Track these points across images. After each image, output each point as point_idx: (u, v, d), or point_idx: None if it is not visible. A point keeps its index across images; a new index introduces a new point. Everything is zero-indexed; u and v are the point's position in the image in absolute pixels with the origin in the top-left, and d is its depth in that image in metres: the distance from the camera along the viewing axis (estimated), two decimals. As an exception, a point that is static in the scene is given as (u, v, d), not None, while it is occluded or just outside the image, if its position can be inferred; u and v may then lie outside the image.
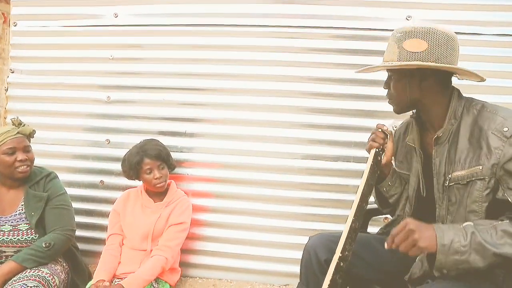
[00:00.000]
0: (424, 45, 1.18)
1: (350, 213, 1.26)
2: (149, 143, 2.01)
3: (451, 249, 1.06)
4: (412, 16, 2.09)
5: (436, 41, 1.18)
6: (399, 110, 1.33)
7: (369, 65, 1.34)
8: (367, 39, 2.11)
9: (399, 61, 1.21)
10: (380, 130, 1.40)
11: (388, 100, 1.35)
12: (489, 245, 1.04)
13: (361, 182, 1.31)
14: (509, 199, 1.12)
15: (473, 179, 1.17)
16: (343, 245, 1.20)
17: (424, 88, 1.24)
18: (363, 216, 1.29)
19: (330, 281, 1.18)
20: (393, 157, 1.45)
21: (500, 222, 1.09)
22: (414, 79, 1.24)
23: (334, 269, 1.18)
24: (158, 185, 1.96)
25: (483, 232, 1.07)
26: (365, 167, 1.34)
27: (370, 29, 2.12)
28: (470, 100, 1.26)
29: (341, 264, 1.19)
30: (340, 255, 1.19)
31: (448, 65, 1.18)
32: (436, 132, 1.26)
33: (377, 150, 1.36)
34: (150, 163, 1.94)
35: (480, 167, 1.15)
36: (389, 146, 1.39)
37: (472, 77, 1.26)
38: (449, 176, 1.22)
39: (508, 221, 1.09)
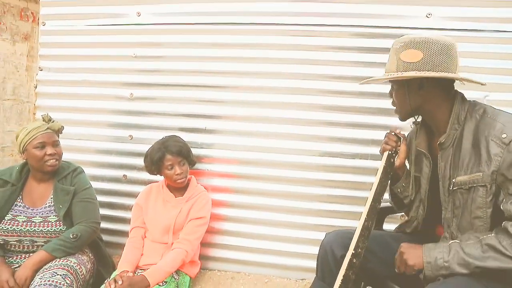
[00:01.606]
0: (419, 55, 1.22)
1: (363, 212, 1.30)
2: (170, 139, 2.07)
3: (436, 265, 1.17)
4: (432, 14, 2.07)
5: (431, 51, 1.21)
6: (402, 118, 1.38)
7: (370, 77, 1.40)
8: (387, 37, 2.11)
9: (397, 71, 1.25)
10: (393, 133, 1.44)
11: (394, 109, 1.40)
12: (472, 259, 1.13)
13: (374, 183, 1.35)
14: (502, 206, 1.15)
15: (475, 185, 1.20)
16: (356, 242, 1.25)
17: (424, 96, 1.28)
18: (376, 215, 1.33)
19: (343, 276, 1.22)
20: (406, 160, 1.47)
21: (486, 236, 1.15)
22: (412, 88, 1.28)
23: (347, 265, 1.24)
24: (178, 181, 2.02)
25: (469, 246, 1.15)
26: (378, 169, 1.39)
27: (389, 27, 2.12)
28: (473, 105, 1.28)
29: (354, 261, 1.24)
30: (353, 252, 1.25)
31: (441, 73, 1.21)
32: (440, 136, 1.29)
33: (390, 152, 1.41)
34: (171, 159, 2.00)
35: (481, 174, 1.18)
36: (402, 148, 1.43)
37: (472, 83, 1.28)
38: (453, 180, 1.25)
39: (494, 234, 1.14)
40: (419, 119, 1.41)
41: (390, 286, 1.39)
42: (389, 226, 1.74)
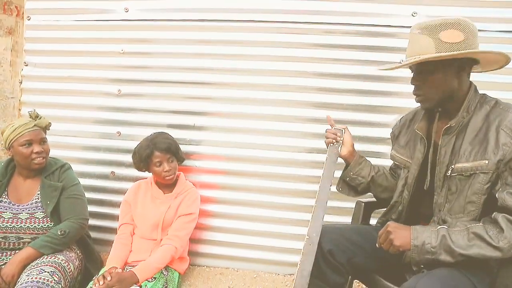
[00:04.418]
0: (461, 35, 1.20)
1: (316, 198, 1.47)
2: (159, 136, 2.06)
3: (423, 250, 1.19)
4: (418, 12, 2.11)
5: (470, 31, 1.21)
6: (432, 105, 1.33)
7: (381, 65, 1.38)
8: (373, 35, 2.15)
9: (437, 52, 1.21)
10: (332, 128, 1.60)
11: (417, 97, 1.34)
12: (457, 247, 1.15)
13: (322, 172, 1.54)
14: (497, 195, 1.18)
15: (477, 172, 1.22)
16: (310, 227, 1.40)
17: (460, 78, 1.27)
18: (326, 199, 1.50)
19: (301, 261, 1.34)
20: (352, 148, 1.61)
21: (473, 225, 1.18)
22: (452, 70, 1.25)
23: (303, 250, 1.36)
24: (167, 178, 2.02)
25: (455, 234, 1.18)
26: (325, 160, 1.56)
27: (375, 25, 2.15)
28: (484, 96, 1.31)
29: (310, 245, 1.36)
30: (307, 237, 1.37)
31: (493, 51, 1.21)
32: (448, 122, 1.29)
33: (332, 144, 1.58)
34: (160, 156, 2.00)
35: (486, 162, 1.20)
36: (346, 138, 1.58)
37: (491, 66, 1.32)
38: (452, 166, 1.27)
39: (481, 224, 1.17)
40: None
41: (376, 279, 1.42)
42: (376, 221, 1.77)
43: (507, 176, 1.18)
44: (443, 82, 1.26)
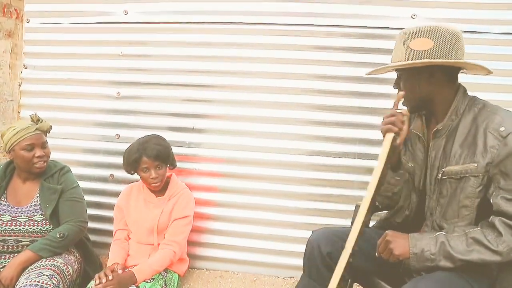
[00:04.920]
0: (429, 43, 1.22)
1: (362, 206, 1.17)
2: (150, 141, 1.97)
3: (422, 257, 1.19)
4: (417, 15, 2.12)
5: (441, 39, 1.21)
6: (411, 108, 1.35)
7: (378, 66, 1.37)
8: (373, 37, 2.15)
9: (406, 60, 1.24)
10: (400, 112, 1.27)
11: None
12: (456, 253, 1.16)
13: (374, 172, 1.19)
14: (491, 200, 1.18)
15: (467, 175, 1.22)
16: (356, 240, 1.18)
17: (433, 84, 1.27)
18: (373, 207, 1.25)
19: (340, 278, 1.18)
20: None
21: (471, 230, 1.18)
22: (422, 77, 1.27)
23: (345, 266, 1.17)
24: (153, 184, 1.96)
25: (454, 239, 1.18)
26: (380, 155, 1.20)
27: (375, 27, 2.15)
28: (474, 99, 1.30)
29: (350, 260, 1.18)
30: (351, 251, 1.18)
31: (454, 60, 1.21)
32: (437, 125, 1.31)
33: (394, 135, 1.23)
34: (147, 162, 1.92)
35: (475, 165, 1.20)
36: (405, 128, 1.25)
37: (479, 71, 1.29)
38: (443, 170, 1.28)
39: (479, 228, 1.17)
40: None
41: (376, 282, 1.41)
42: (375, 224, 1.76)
43: (499, 179, 1.17)
44: (414, 88, 1.29)
